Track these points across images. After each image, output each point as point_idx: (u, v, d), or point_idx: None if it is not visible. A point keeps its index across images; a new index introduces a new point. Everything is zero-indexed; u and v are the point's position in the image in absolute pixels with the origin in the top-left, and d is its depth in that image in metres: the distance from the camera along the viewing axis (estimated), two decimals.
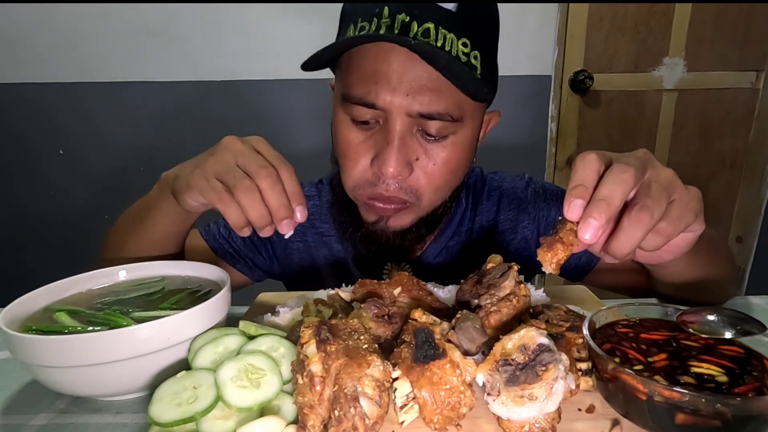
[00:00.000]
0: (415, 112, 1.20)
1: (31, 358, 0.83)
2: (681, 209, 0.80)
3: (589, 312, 0.89)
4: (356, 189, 1.33)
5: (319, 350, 0.74)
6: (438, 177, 1.30)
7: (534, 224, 1.60)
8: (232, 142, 1.07)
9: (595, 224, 0.74)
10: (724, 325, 0.82)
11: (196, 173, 1.06)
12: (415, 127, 1.24)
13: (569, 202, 0.76)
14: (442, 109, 1.21)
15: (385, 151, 1.23)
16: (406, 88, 1.19)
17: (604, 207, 0.74)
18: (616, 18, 3.40)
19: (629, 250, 0.78)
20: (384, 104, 1.21)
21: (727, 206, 3.86)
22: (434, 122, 1.22)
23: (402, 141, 1.23)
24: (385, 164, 1.22)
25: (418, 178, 1.29)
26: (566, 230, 0.79)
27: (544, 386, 0.70)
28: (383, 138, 1.24)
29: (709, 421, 0.67)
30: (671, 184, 0.81)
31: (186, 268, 1.16)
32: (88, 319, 0.95)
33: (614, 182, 0.76)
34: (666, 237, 0.79)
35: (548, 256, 0.80)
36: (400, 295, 1.05)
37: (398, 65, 1.18)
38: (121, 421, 0.86)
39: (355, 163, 1.30)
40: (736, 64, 3.52)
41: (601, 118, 3.62)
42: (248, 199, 0.99)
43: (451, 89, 1.20)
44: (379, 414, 0.70)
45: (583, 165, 0.80)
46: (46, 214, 3.61)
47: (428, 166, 1.28)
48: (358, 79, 1.23)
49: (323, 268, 1.65)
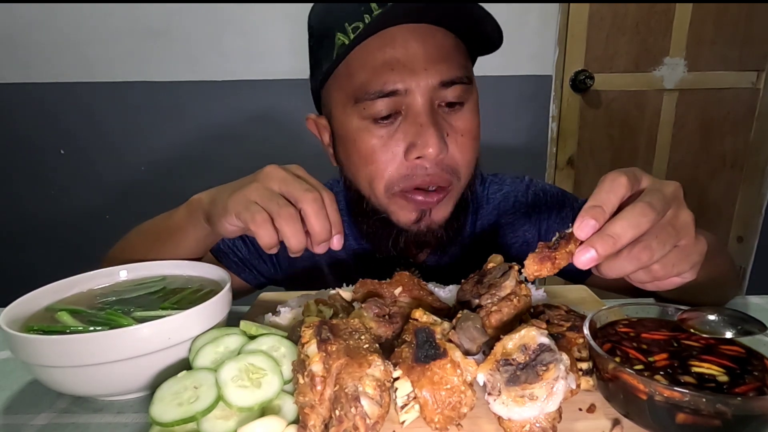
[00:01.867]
0: (437, 83, 1.23)
1: (32, 358, 0.83)
2: (680, 257, 0.80)
3: (590, 312, 0.89)
4: (391, 188, 1.33)
5: (320, 350, 0.74)
6: (468, 147, 1.33)
7: (535, 227, 1.60)
8: (275, 169, 1.05)
9: (594, 256, 0.73)
10: (725, 324, 0.82)
11: (236, 197, 1.04)
12: (436, 101, 1.27)
13: (582, 220, 0.75)
14: (460, 73, 1.26)
15: (421, 134, 1.24)
16: (422, 63, 1.22)
17: (609, 243, 0.73)
18: (616, 18, 3.40)
19: (617, 276, 0.77)
20: (407, 86, 1.22)
21: (727, 206, 3.86)
22: (453, 88, 1.26)
23: (432, 119, 1.24)
24: (427, 146, 1.23)
25: (454, 155, 1.31)
26: (563, 252, 0.78)
27: (544, 386, 0.70)
28: (412, 123, 1.25)
29: (710, 420, 0.67)
30: (684, 230, 0.80)
31: (187, 268, 1.16)
32: (89, 318, 0.95)
33: (630, 222, 0.74)
34: (653, 278, 0.80)
35: (534, 268, 0.79)
36: (401, 294, 1.05)
37: (408, 46, 1.21)
38: (122, 420, 0.86)
39: (387, 162, 1.30)
40: (736, 64, 3.52)
41: (601, 118, 3.62)
42: (290, 228, 0.98)
43: (458, 53, 1.26)
44: (380, 414, 0.70)
45: (611, 186, 0.78)
46: (47, 214, 3.61)
47: (458, 139, 1.30)
48: (370, 75, 1.24)
49: (325, 270, 1.65)
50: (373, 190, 1.35)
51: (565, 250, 0.78)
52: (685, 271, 0.81)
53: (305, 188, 1.00)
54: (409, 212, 1.36)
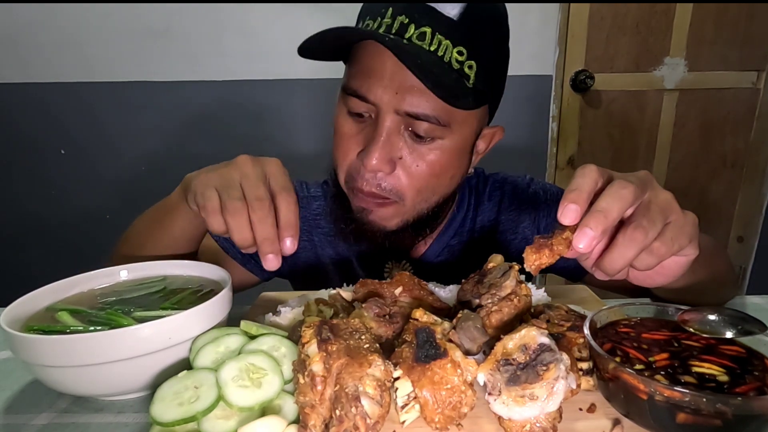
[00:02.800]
0: (403, 111, 1.24)
1: (33, 358, 0.83)
2: (675, 232, 0.81)
3: (590, 312, 0.89)
4: (346, 179, 1.37)
5: (321, 350, 0.74)
6: (420, 178, 1.32)
7: (534, 225, 1.61)
8: (244, 162, 1.04)
9: (591, 234, 0.74)
10: (725, 324, 0.82)
11: (200, 180, 1.05)
12: (403, 125, 1.27)
13: (563, 206, 0.77)
14: (429, 112, 1.24)
15: (371, 145, 1.26)
16: (396, 86, 1.22)
17: (601, 218, 0.75)
18: (617, 18, 3.40)
19: (621, 266, 0.79)
20: (375, 99, 1.24)
21: (728, 206, 3.85)
22: (421, 123, 1.25)
23: (387, 137, 1.26)
24: (368, 157, 1.25)
25: (399, 177, 1.31)
26: (559, 238, 0.80)
27: (545, 386, 0.70)
28: (371, 132, 1.28)
29: (710, 420, 0.67)
30: (669, 207, 0.82)
31: (187, 268, 1.16)
32: (89, 318, 0.95)
33: (613, 196, 0.77)
34: (658, 257, 0.80)
35: (533, 258, 0.81)
36: (401, 294, 1.05)
37: (391, 64, 1.21)
38: (123, 420, 0.86)
39: (345, 153, 1.34)
40: (737, 64, 3.52)
41: (602, 118, 3.62)
42: (233, 220, 0.96)
43: None
44: (381, 413, 0.70)
45: (582, 174, 0.81)
46: (47, 214, 3.61)
47: (411, 166, 1.30)
48: (356, 73, 1.28)
49: (328, 267, 1.67)
50: (337, 173, 1.40)
51: (561, 237, 0.80)
52: (685, 245, 0.82)
53: (257, 194, 0.98)
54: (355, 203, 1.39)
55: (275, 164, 1.06)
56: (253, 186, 0.99)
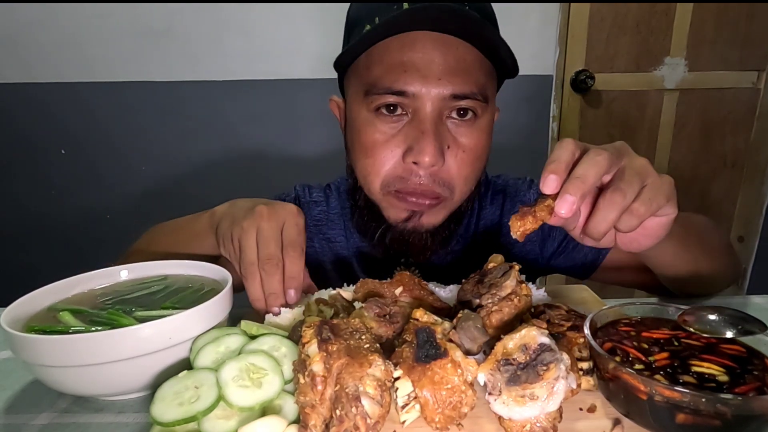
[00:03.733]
0: (448, 94, 1.24)
1: (33, 358, 0.83)
2: (653, 192, 0.85)
3: (591, 311, 0.90)
4: (386, 187, 1.34)
5: (321, 350, 0.74)
6: (467, 165, 1.32)
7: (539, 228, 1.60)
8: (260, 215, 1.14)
9: (571, 199, 0.79)
10: (726, 324, 0.82)
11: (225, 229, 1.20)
12: (445, 112, 1.27)
13: (544, 177, 0.82)
14: (475, 89, 1.26)
15: (420, 141, 1.24)
16: (437, 73, 1.22)
17: (579, 184, 0.80)
18: (617, 18, 3.39)
19: (605, 229, 0.83)
20: (416, 91, 1.23)
21: (728, 206, 3.85)
22: (466, 101, 1.26)
23: (435, 128, 1.25)
24: (422, 153, 1.23)
25: (450, 168, 1.31)
26: (542, 205, 0.85)
27: (545, 386, 0.70)
28: (415, 128, 1.26)
29: (710, 420, 0.67)
30: (644, 170, 0.87)
31: (188, 268, 1.17)
32: (90, 318, 0.95)
33: (589, 163, 0.82)
34: (639, 217, 0.83)
35: (518, 225, 0.87)
36: (402, 294, 1.05)
37: (426, 52, 1.22)
38: (123, 420, 0.87)
39: (385, 159, 1.31)
40: (737, 64, 3.51)
41: (602, 118, 3.61)
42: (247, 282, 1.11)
43: (478, 69, 1.27)
44: (381, 413, 0.71)
45: (560, 147, 0.86)
46: (48, 214, 3.60)
47: (458, 153, 1.30)
48: (384, 71, 1.26)
49: (329, 273, 1.65)
50: (369, 184, 1.36)
51: (543, 204, 0.85)
52: (663, 204, 0.87)
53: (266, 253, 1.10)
54: (400, 211, 1.37)
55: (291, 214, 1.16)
56: (264, 245, 1.11)
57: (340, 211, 1.64)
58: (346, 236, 1.62)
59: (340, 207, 1.64)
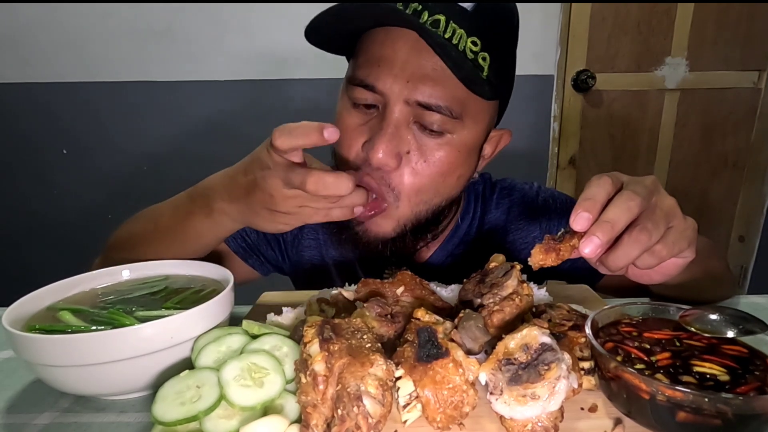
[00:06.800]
0: (414, 101, 1.20)
1: (35, 358, 0.83)
2: (677, 236, 0.87)
3: (592, 311, 0.90)
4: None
5: (323, 349, 0.74)
6: (425, 176, 1.28)
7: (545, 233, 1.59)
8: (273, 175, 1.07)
9: (597, 242, 0.79)
10: (727, 324, 0.82)
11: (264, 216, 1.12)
12: (412, 117, 1.23)
13: (576, 213, 0.82)
14: (443, 102, 1.21)
15: (376, 136, 1.22)
16: (407, 75, 1.19)
17: (608, 229, 0.80)
18: (618, 18, 3.40)
19: (624, 264, 0.84)
20: (383, 88, 1.21)
21: (729, 206, 3.85)
22: (432, 114, 1.21)
23: (395, 129, 1.22)
24: (374, 149, 1.21)
25: (403, 175, 1.26)
26: (567, 245, 0.85)
27: (546, 385, 0.70)
28: (378, 123, 1.24)
29: (711, 420, 0.67)
30: (672, 212, 0.88)
31: (189, 268, 1.16)
32: (92, 318, 0.95)
33: (621, 208, 0.82)
34: (659, 258, 0.86)
35: (539, 258, 0.86)
36: (403, 294, 1.05)
37: (403, 52, 1.20)
38: (125, 420, 0.86)
39: (349, 146, 1.29)
40: (738, 64, 3.52)
41: (603, 118, 3.62)
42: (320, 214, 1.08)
43: (454, 83, 1.19)
44: (382, 413, 0.70)
45: (597, 183, 0.86)
46: (49, 214, 3.62)
47: (418, 162, 1.26)
48: (363, 62, 1.25)
49: (331, 267, 1.65)
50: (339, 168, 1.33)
51: (569, 244, 0.84)
52: (684, 248, 0.89)
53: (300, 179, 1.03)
54: None
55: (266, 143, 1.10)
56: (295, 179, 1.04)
57: None
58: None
59: None
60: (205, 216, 1.22)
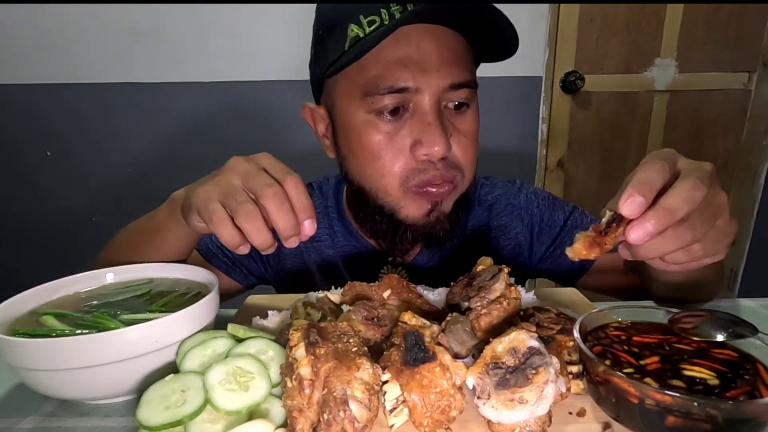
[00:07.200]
0: (447, 85, 1.25)
1: (18, 362, 0.82)
2: (717, 237, 0.81)
3: (581, 314, 0.89)
4: (406, 183, 1.32)
5: (308, 353, 0.73)
6: (470, 148, 1.36)
7: (527, 230, 1.60)
8: (238, 162, 1.01)
9: (650, 230, 0.71)
10: (716, 328, 0.82)
11: (198, 194, 1.00)
12: (443, 102, 1.29)
13: (630, 195, 0.71)
14: (469, 77, 1.30)
15: (427, 133, 1.25)
16: (436, 65, 1.24)
17: (666, 217, 0.71)
18: (607, 19, 3.41)
19: (655, 256, 0.78)
20: (417, 85, 1.24)
21: None
22: (461, 90, 1.29)
23: (438, 118, 1.26)
24: (432, 145, 1.24)
25: (456, 154, 1.32)
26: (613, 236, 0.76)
27: (534, 389, 0.70)
28: (419, 121, 1.27)
29: (700, 424, 0.67)
30: (720, 211, 0.80)
31: (174, 271, 1.16)
32: (75, 321, 0.95)
33: (684, 197, 0.73)
34: (693, 258, 0.80)
35: (583, 252, 0.78)
36: (390, 297, 1.05)
37: (422, 46, 1.23)
38: (109, 424, 0.86)
39: (394, 158, 1.30)
40: (728, 65, 3.54)
41: (592, 120, 3.63)
42: (250, 226, 0.93)
43: (468, 58, 1.33)
44: (369, 417, 0.70)
45: (654, 168, 0.76)
46: (33, 216, 3.60)
47: (460, 139, 1.32)
48: (383, 70, 1.24)
49: (315, 272, 1.64)
50: (385, 186, 1.33)
51: (614, 235, 0.76)
52: (719, 252, 0.82)
53: (265, 182, 0.95)
54: (421, 205, 1.35)
55: (267, 156, 1.03)
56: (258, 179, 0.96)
57: (324, 210, 1.63)
58: (331, 235, 1.61)
59: (324, 206, 1.64)
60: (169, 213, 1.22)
